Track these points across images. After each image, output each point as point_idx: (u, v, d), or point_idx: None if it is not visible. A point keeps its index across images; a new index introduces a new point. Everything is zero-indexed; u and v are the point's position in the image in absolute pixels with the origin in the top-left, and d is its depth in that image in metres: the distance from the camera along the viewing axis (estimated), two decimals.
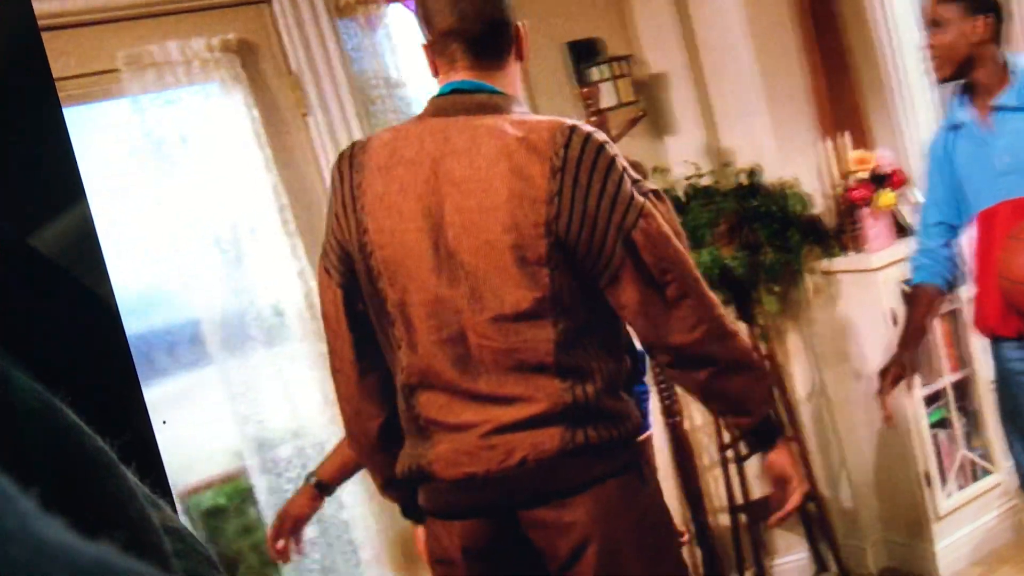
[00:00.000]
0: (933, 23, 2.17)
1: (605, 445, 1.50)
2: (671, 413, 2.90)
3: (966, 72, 2.17)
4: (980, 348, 2.94)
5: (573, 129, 1.46)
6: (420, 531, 1.69)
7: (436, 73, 1.56)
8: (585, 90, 2.74)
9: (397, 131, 1.53)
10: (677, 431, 2.93)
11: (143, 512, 0.38)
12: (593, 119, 2.73)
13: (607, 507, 1.51)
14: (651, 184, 1.55)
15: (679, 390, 2.96)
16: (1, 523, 0.24)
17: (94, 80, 2.20)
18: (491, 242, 1.44)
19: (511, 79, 1.55)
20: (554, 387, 1.47)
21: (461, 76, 1.52)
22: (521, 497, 1.50)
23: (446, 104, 1.50)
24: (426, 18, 1.53)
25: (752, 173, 3.01)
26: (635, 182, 1.49)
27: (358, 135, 2.56)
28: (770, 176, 3.02)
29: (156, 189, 2.30)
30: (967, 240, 2.31)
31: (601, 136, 1.48)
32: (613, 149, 1.47)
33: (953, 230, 2.33)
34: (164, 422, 1.85)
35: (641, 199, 1.47)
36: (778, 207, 3.01)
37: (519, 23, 1.55)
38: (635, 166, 1.60)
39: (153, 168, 2.29)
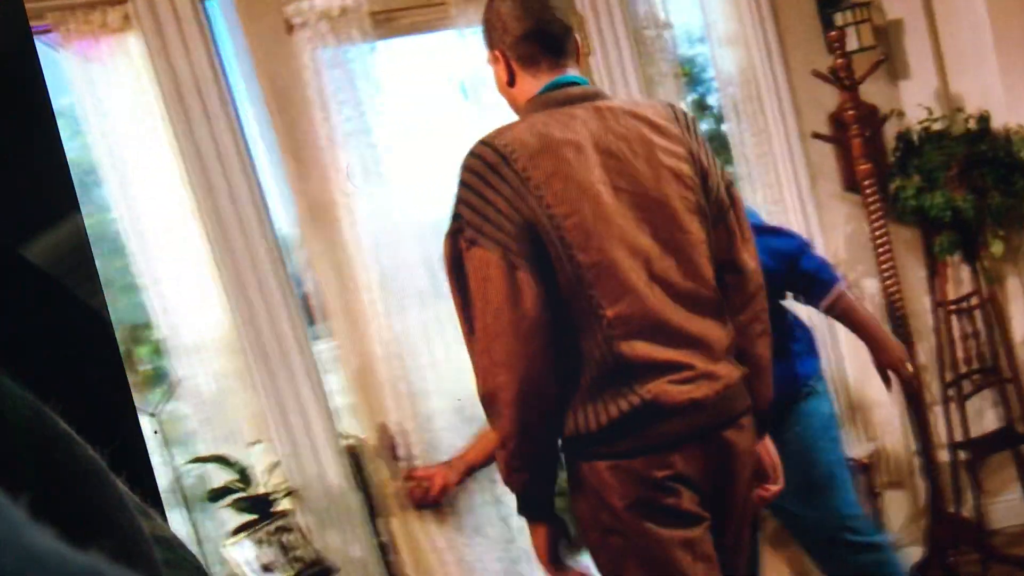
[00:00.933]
0: None
1: (743, 376, 1.74)
2: None
3: None
4: None
5: (670, 104, 1.77)
6: (541, 529, 1.74)
7: (510, 80, 1.69)
8: (833, 33, 2.86)
9: (530, 123, 1.62)
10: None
11: (133, 521, 0.38)
12: (840, 61, 2.84)
13: (755, 428, 1.77)
14: None
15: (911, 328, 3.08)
16: None
17: (429, 11, 2.41)
18: (662, 198, 1.63)
19: (579, 69, 1.73)
20: (722, 325, 1.69)
21: (549, 74, 1.67)
22: (724, 419, 1.69)
23: (561, 96, 1.65)
24: (503, 26, 1.67)
25: (981, 119, 3.09)
26: None
27: (632, 73, 2.72)
28: (998, 122, 3.09)
29: (472, 111, 2.49)
30: None
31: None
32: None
33: None
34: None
35: None
36: (1005, 153, 3.08)
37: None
38: None
39: (470, 92, 2.48)
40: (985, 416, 3.27)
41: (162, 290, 2.16)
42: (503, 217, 1.56)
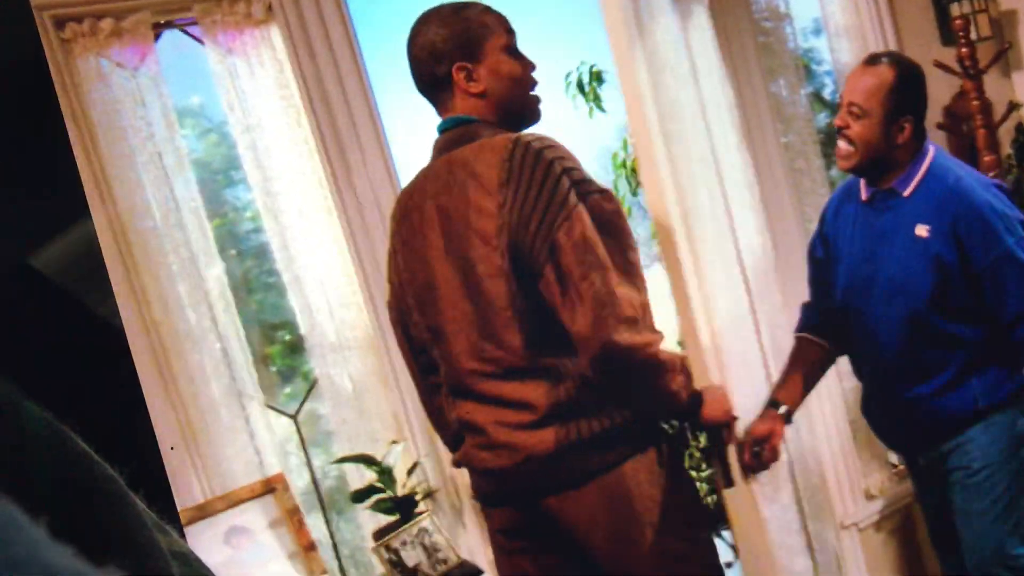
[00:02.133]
0: None
1: (600, 437, 1.58)
2: None
3: None
4: None
5: (516, 141, 1.55)
6: None
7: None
8: (958, 21, 2.80)
9: (415, 178, 1.70)
10: None
11: (151, 538, 0.39)
12: (964, 50, 2.78)
13: (613, 493, 1.60)
14: (599, 185, 1.57)
15: None
16: (11, 551, 0.25)
17: None
18: (468, 261, 1.58)
19: (473, 103, 1.64)
20: (541, 389, 1.58)
21: (442, 116, 1.67)
22: (533, 488, 1.63)
23: (440, 143, 1.66)
24: None
25: None
26: (578, 183, 1.53)
27: (753, 65, 2.67)
28: None
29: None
30: None
31: (542, 143, 1.55)
32: (553, 154, 1.53)
33: None
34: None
35: (575, 201, 1.51)
36: None
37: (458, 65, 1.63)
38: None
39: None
40: None
41: (303, 288, 2.11)
42: (389, 276, 1.76)
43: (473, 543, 2.29)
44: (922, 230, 1.98)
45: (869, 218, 2.10)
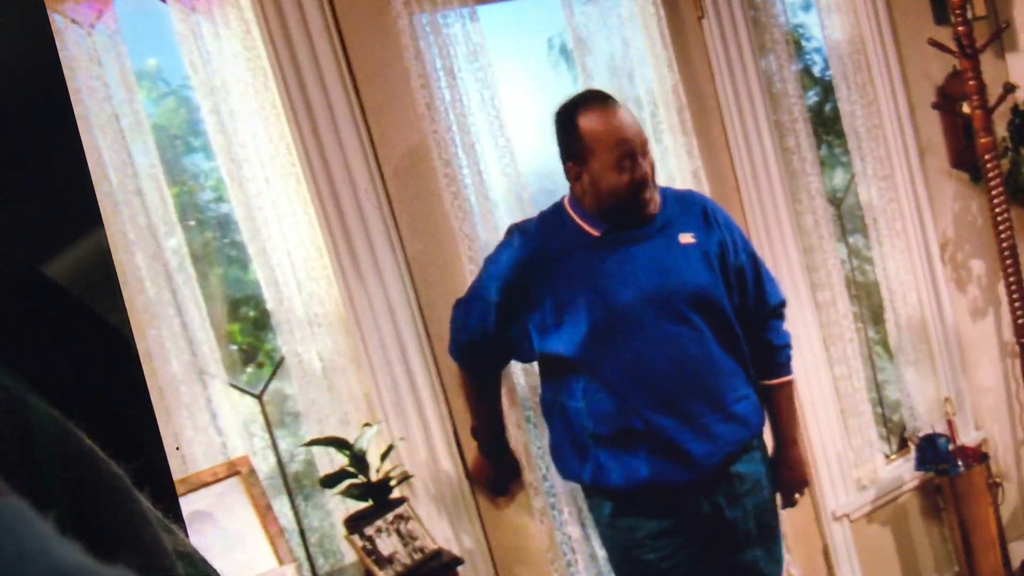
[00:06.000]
0: None
1: None
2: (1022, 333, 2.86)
3: None
4: None
5: None
6: None
7: None
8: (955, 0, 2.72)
9: None
10: None
11: (156, 536, 0.39)
12: (962, 28, 2.70)
13: None
14: None
15: None
16: (20, 546, 0.25)
17: None
18: None
19: None
20: None
21: None
22: None
23: None
24: None
25: None
26: None
27: (746, 41, 2.58)
28: None
29: (568, 81, 2.34)
30: None
31: None
32: None
33: None
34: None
35: None
36: None
37: None
38: None
39: (567, 61, 2.34)
40: None
41: (269, 260, 2.00)
42: None
43: (449, 530, 2.18)
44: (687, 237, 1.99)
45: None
